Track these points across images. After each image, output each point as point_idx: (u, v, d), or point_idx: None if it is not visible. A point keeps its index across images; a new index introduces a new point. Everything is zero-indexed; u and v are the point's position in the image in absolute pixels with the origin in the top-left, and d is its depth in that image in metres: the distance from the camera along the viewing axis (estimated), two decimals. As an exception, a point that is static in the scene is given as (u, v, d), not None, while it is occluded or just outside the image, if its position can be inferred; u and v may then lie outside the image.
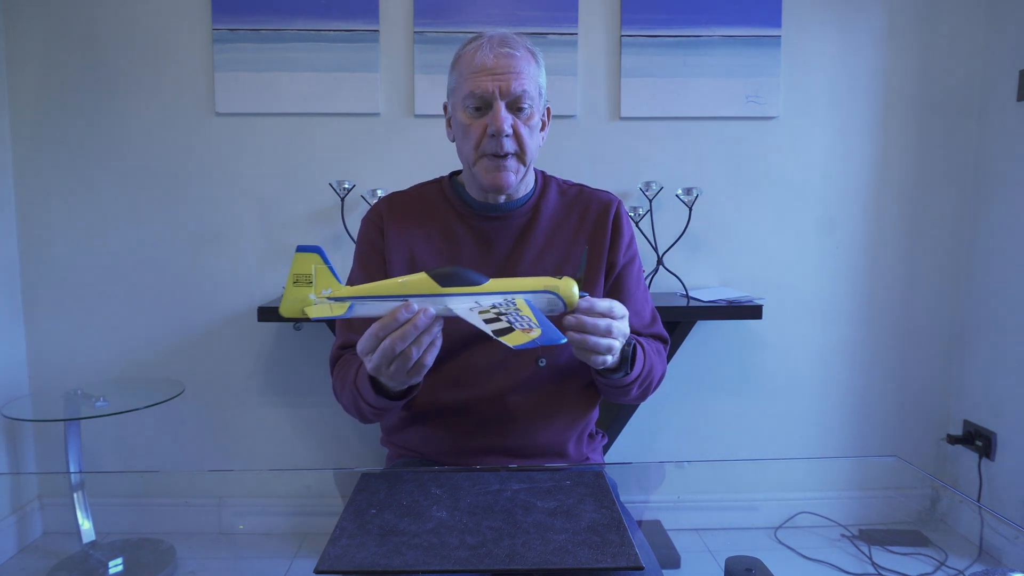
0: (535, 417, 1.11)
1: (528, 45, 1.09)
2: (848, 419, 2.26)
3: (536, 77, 1.08)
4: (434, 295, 0.85)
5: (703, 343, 2.20)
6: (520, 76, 1.05)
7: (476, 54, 1.06)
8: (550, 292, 0.87)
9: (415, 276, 0.86)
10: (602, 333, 0.90)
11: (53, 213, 2.10)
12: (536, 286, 0.88)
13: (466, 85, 1.06)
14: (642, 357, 1.05)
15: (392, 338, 0.83)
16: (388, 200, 1.18)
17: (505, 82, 1.04)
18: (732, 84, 2.11)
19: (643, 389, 1.09)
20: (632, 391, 1.07)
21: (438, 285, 0.85)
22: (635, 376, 1.03)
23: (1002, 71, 2.06)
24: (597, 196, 1.18)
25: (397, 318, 0.83)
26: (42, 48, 2.05)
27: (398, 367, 0.86)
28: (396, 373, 0.87)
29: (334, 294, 0.84)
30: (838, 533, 1.84)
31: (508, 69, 1.04)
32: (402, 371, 0.86)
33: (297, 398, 2.19)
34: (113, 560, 1.76)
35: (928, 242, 2.21)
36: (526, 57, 1.07)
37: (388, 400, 0.99)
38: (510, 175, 1.07)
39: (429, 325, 0.84)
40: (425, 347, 0.85)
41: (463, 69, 1.07)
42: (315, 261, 0.83)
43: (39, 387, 2.14)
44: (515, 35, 1.09)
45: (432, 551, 0.76)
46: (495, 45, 1.05)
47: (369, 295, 0.85)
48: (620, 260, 1.15)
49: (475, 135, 1.06)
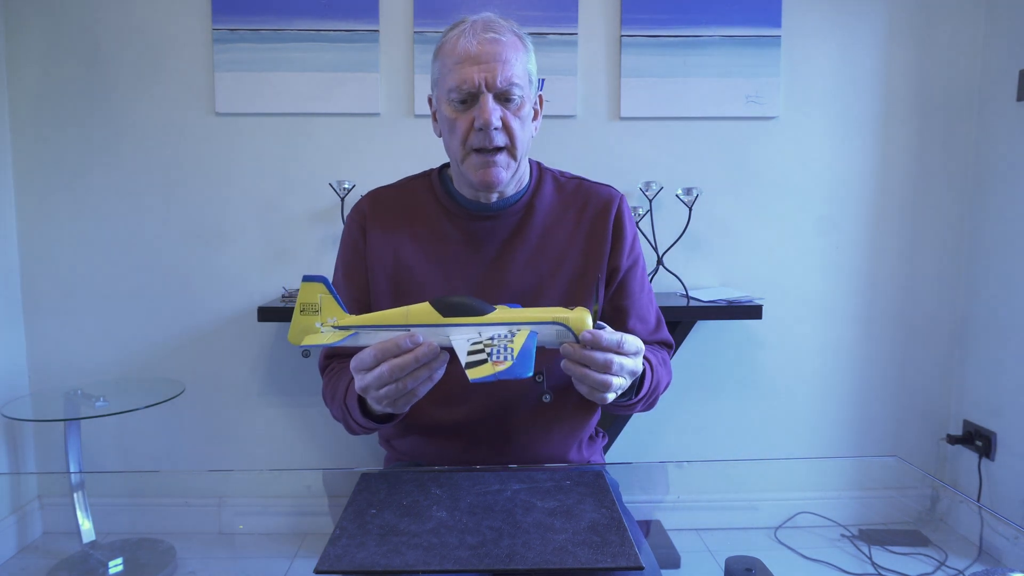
0: (534, 432, 1.08)
1: (515, 29, 1.01)
2: (848, 419, 2.26)
3: (525, 63, 1.00)
4: (436, 325, 0.83)
5: (703, 343, 2.20)
6: (507, 64, 0.96)
7: (459, 41, 0.97)
8: (559, 324, 0.83)
9: (419, 306, 0.84)
10: (600, 368, 0.82)
11: (53, 213, 2.10)
12: (544, 317, 0.83)
13: (450, 76, 0.97)
14: (649, 377, 0.99)
15: (391, 365, 0.81)
16: (372, 197, 1.11)
17: (491, 72, 0.96)
18: (732, 84, 2.11)
19: (648, 405, 1.05)
20: (635, 409, 1.03)
21: (440, 315, 0.83)
22: (640, 397, 0.99)
23: (1002, 71, 2.06)
24: (597, 191, 1.10)
25: (399, 345, 0.80)
26: (42, 48, 2.05)
27: (388, 393, 0.83)
28: (384, 398, 0.84)
29: (339, 323, 0.85)
30: (838, 533, 1.83)
31: (494, 57, 0.96)
32: (391, 398, 0.84)
33: (297, 398, 2.19)
34: (113, 560, 1.75)
35: (928, 242, 2.21)
36: (513, 42, 0.99)
37: (376, 423, 0.97)
38: (500, 171, 1.00)
39: (430, 360, 0.81)
40: (421, 381, 0.83)
41: (446, 58, 0.99)
42: (320, 290, 0.84)
43: (39, 387, 2.14)
44: (500, 19, 1.01)
45: (432, 551, 0.76)
46: (479, 30, 0.97)
47: (373, 324, 0.85)
48: (623, 264, 1.08)
49: (461, 130, 0.99)
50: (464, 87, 0.97)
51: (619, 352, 0.84)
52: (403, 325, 0.84)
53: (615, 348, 0.83)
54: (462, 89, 0.97)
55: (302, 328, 0.85)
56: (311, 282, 0.84)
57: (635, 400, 0.99)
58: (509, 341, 0.80)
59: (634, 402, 0.99)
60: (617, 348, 0.84)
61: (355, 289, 1.09)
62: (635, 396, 0.97)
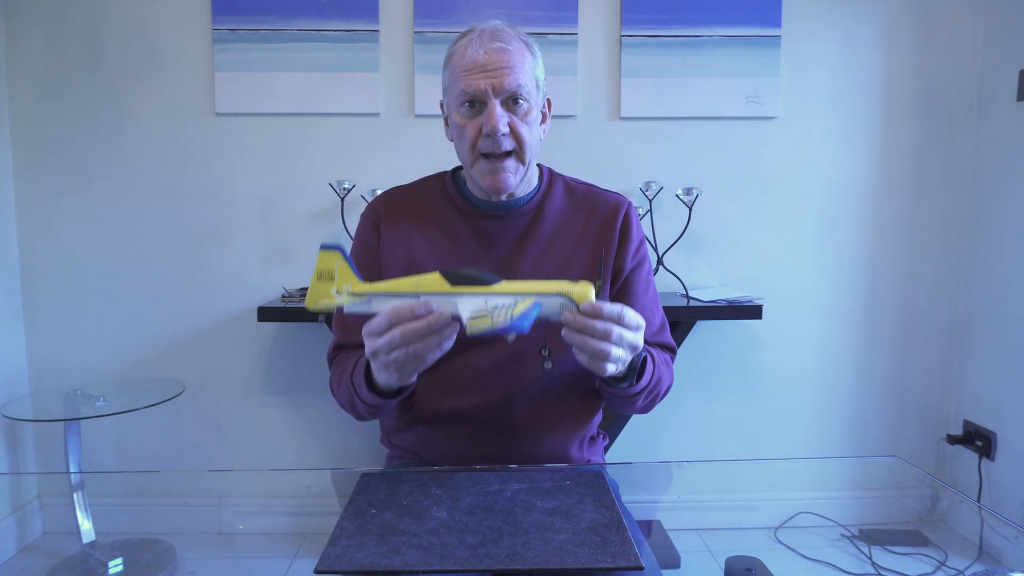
0: (537, 424, 1.09)
1: (522, 36, 1.05)
2: (848, 419, 2.26)
3: (532, 69, 1.04)
4: (445, 294, 0.86)
5: (703, 343, 2.20)
6: (514, 71, 1.01)
7: (467, 50, 1.01)
8: (563, 296, 0.85)
9: (429, 275, 0.87)
10: (600, 336, 0.84)
11: (53, 213, 2.10)
12: (549, 289, 0.86)
13: (458, 84, 1.02)
14: (651, 368, 1.01)
15: (403, 329, 0.83)
16: (387, 197, 1.15)
17: (498, 79, 1.00)
18: (732, 84, 2.11)
19: (649, 400, 1.06)
20: (638, 402, 1.03)
21: (449, 284, 0.86)
22: (641, 387, 1.00)
23: (1002, 71, 2.06)
24: (605, 197, 1.14)
25: (413, 310, 0.83)
26: (42, 48, 2.05)
27: (398, 357, 0.85)
28: (393, 363, 0.86)
29: (353, 290, 0.88)
30: (838, 533, 1.84)
31: (501, 64, 1.00)
32: (399, 362, 0.86)
33: (297, 398, 2.19)
34: (113, 560, 1.75)
35: (928, 242, 2.21)
36: (520, 50, 1.03)
37: (381, 398, 0.99)
38: (509, 176, 1.04)
39: (441, 328, 0.84)
40: (431, 347, 0.85)
41: (455, 67, 1.03)
42: (337, 259, 0.88)
43: (39, 387, 2.14)
44: (508, 27, 1.05)
45: (432, 551, 0.76)
46: (486, 40, 1.01)
47: (386, 292, 0.88)
48: (627, 265, 1.11)
49: (470, 135, 1.03)
50: (472, 94, 1.01)
51: (619, 323, 0.86)
52: (413, 293, 0.87)
53: (615, 319, 0.85)
54: (470, 95, 1.01)
55: (318, 293, 0.88)
56: (328, 250, 0.88)
57: (638, 389, 0.99)
58: (513, 308, 0.83)
59: (636, 392, 1.00)
60: (618, 319, 0.85)
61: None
62: (636, 382, 0.98)
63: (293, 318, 1.92)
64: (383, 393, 0.98)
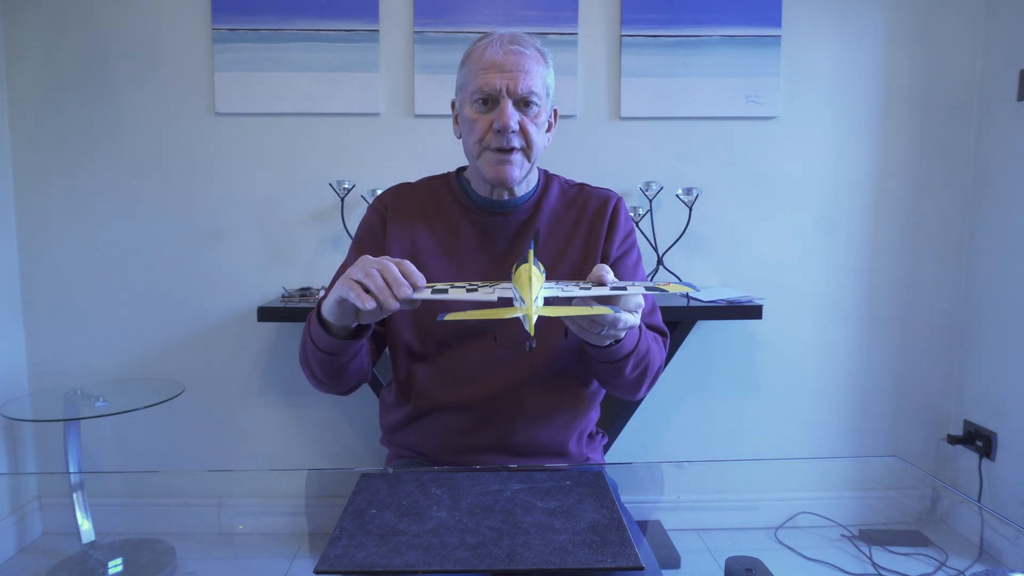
0: (535, 414, 1.12)
1: (538, 45, 1.10)
2: (848, 419, 2.26)
3: (544, 77, 1.09)
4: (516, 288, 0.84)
5: (703, 343, 2.20)
6: (529, 75, 1.06)
7: (486, 50, 1.07)
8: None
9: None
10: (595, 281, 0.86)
11: (53, 213, 2.10)
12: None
13: (475, 81, 1.07)
14: (637, 334, 1.01)
15: (382, 262, 0.87)
16: (395, 192, 1.19)
17: (513, 80, 1.05)
18: (732, 84, 2.11)
19: (639, 372, 1.05)
20: (626, 369, 1.02)
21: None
22: (628, 350, 0.99)
23: (1002, 71, 2.06)
24: (596, 193, 1.19)
25: (404, 265, 0.87)
26: (42, 48, 2.05)
27: (360, 278, 0.86)
28: (351, 279, 0.87)
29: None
30: (838, 533, 1.83)
31: (517, 67, 1.05)
32: (356, 280, 0.87)
33: (297, 398, 2.19)
34: (113, 560, 1.75)
35: (928, 242, 2.21)
36: (536, 57, 1.08)
37: (333, 339, 0.99)
38: (514, 169, 1.08)
39: (408, 297, 0.86)
40: (387, 295, 0.85)
41: (472, 65, 1.08)
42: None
43: (39, 387, 2.14)
44: (526, 35, 1.10)
45: (432, 551, 0.76)
46: (505, 43, 1.07)
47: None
48: (613, 252, 1.15)
49: (480, 129, 1.07)
50: (487, 90, 1.06)
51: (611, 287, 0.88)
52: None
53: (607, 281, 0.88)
54: (485, 91, 1.06)
55: None
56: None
57: (624, 355, 0.99)
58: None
59: (622, 356, 0.99)
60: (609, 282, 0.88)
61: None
62: (623, 347, 0.98)
63: (293, 318, 1.92)
64: (335, 335, 0.99)
